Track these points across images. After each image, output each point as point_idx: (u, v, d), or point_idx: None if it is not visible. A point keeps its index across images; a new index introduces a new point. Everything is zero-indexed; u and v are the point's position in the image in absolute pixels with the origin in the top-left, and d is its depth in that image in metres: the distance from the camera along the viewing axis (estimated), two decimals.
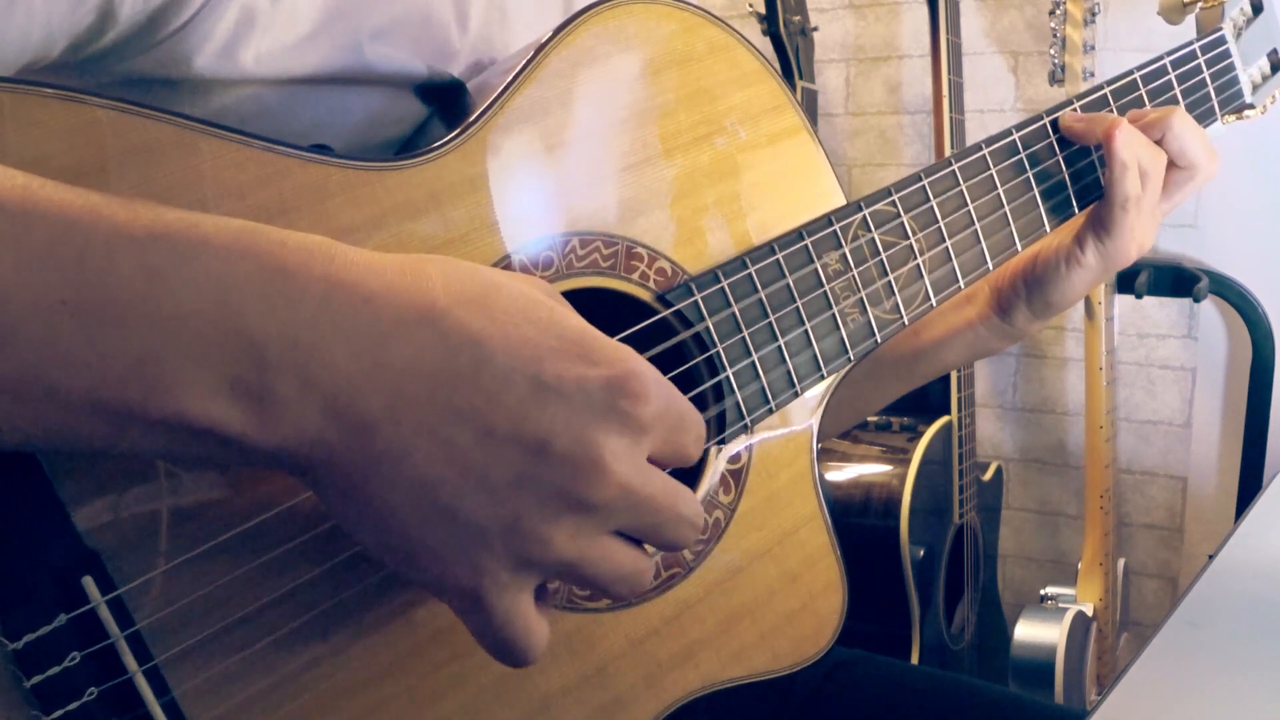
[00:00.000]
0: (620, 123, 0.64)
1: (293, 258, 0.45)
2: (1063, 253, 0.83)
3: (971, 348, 0.89)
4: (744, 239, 0.68)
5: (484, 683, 0.58)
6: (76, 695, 0.47)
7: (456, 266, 0.48)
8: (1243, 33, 0.93)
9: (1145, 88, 0.85)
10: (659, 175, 0.65)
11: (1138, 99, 0.85)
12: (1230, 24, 0.92)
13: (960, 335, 0.89)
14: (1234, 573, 0.77)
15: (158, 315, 0.43)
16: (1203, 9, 0.92)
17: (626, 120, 0.64)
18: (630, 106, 0.64)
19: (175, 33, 0.56)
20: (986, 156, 0.77)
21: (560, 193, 0.62)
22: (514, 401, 0.46)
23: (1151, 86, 0.86)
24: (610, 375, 0.47)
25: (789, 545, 0.70)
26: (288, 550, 0.52)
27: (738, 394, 0.65)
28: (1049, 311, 0.86)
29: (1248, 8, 0.94)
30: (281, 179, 0.53)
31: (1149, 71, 0.86)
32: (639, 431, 0.48)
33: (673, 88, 0.66)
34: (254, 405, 0.44)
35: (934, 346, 0.89)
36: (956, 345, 0.89)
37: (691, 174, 0.67)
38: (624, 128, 0.64)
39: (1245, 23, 0.94)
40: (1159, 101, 0.86)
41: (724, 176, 0.68)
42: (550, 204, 0.62)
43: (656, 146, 0.65)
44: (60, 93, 0.48)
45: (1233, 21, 0.92)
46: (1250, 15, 0.94)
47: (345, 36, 0.61)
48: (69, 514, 0.47)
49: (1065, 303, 0.85)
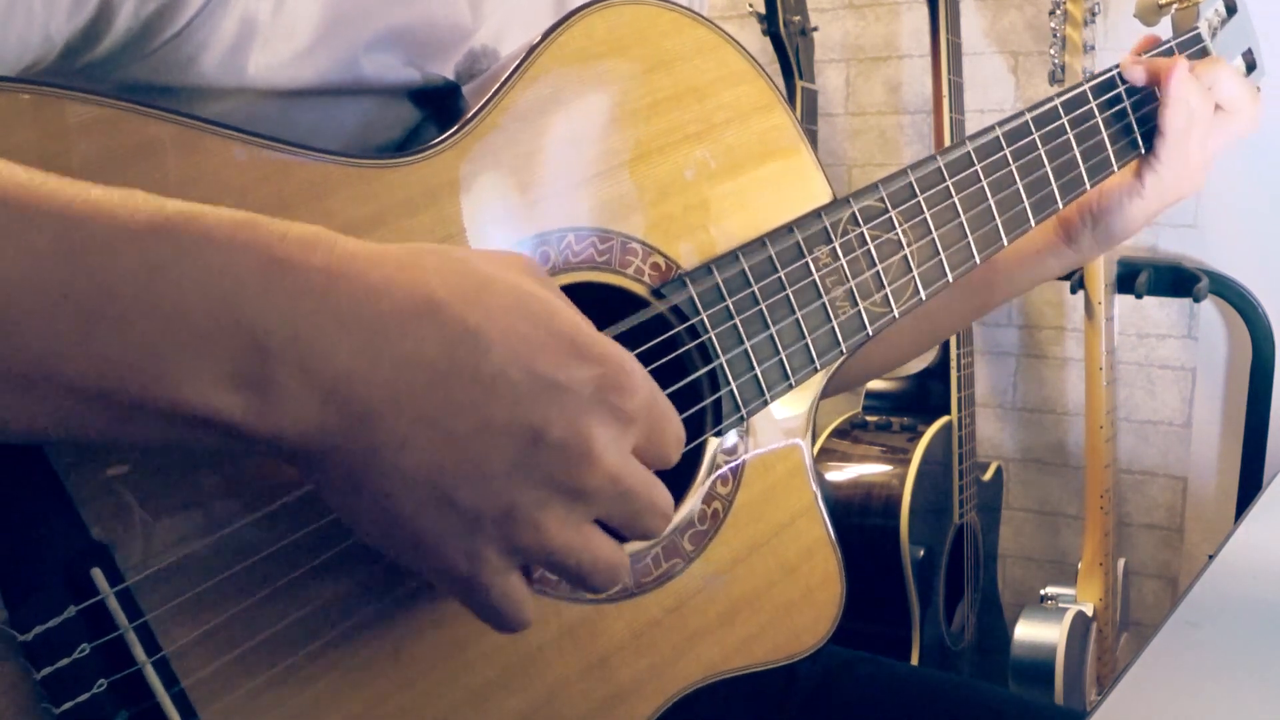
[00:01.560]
0: (612, 121, 0.65)
1: (293, 250, 0.45)
2: (1124, 186, 0.91)
3: (1039, 274, 0.98)
4: (736, 235, 0.69)
5: (489, 674, 0.58)
6: (86, 687, 0.47)
7: (453, 259, 0.49)
8: (1218, 33, 0.96)
9: (1123, 85, 0.88)
10: (651, 172, 0.66)
11: (1117, 96, 0.88)
12: (1205, 24, 0.95)
13: (1027, 261, 0.97)
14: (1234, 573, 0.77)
15: (159, 308, 0.43)
16: (1178, 10, 0.95)
17: (618, 118, 0.65)
18: (621, 105, 0.65)
19: (173, 38, 0.56)
20: (971, 153, 0.78)
21: (555, 189, 0.63)
22: (510, 394, 0.47)
23: (1129, 85, 0.88)
24: (601, 370, 0.49)
25: (786, 537, 0.71)
26: (294, 542, 0.52)
27: (733, 386, 0.66)
28: (1112, 239, 0.94)
29: (1222, 9, 0.97)
30: (282, 176, 0.53)
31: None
32: (626, 423, 0.50)
33: (663, 86, 0.67)
34: (255, 395, 0.44)
35: (1004, 273, 0.97)
36: (1025, 271, 0.97)
37: (683, 171, 0.67)
38: (616, 126, 0.65)
39: (1220, 23, 0.96)
40: (1138, 98, 0.89)
41: (715, 174, 0.69)
42: (546, 200, 0.62)
43: (648, 144, 0.66)
44: (63, 91, 0.48)
45: (1208, 22, 0.95)
46: (1224, 16, 0.97)
47: (343, 49, 0.62)
48: (77, 507, 0.48)
49: (1125, 232, 0.94)
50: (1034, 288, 1.00)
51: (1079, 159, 0.85)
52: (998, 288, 0.97)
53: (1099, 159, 0.87)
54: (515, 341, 0.48)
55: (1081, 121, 0.85)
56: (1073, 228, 0.94)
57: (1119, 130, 0.88)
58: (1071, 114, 0.85)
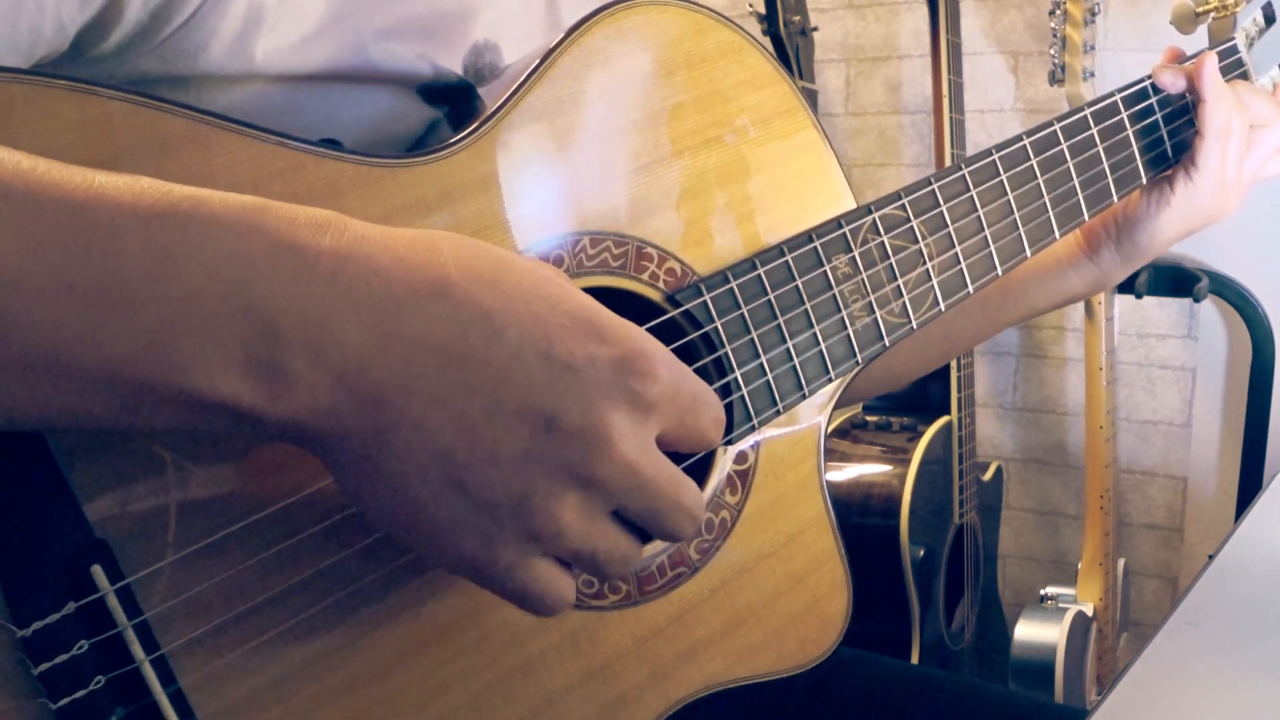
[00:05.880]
0: (632, 123, 0.64)
1: (302, 233, 0.45)
2: (1152, 192, 0.87)
3: (1059, 290, 0.93)
4: (754, 241, 0.68)
5: (489, 679, 0.58)
6: (84, 683, 0.47)
7: (468, 243, 0.48)
8: (1254, 43, 0.94)
9: (1155, 95, 0.87)
10: (670, 176, 0.66)
11: (1148, 107, 0.86)
12: (1242, 34, 0.93)
13: (1049, 275, 0.92)
14: (1234, 573, 0.76)
15: (167, 295, 0.43)
16: (1215, 19, 0.93)
17: (638, 121, 0.64)
18: (642, 107, 0.65)
19: (181, 27, 0.56)
20: (996, 162, 0.77)
21: (571, 192, 0.62)
22: (524, 377, 0.46)
23: (1162, 95, 0.87)
24: (619, 354, 0.48)
25: (795, 547, 0.70)
26: (296, 543, 0.52)
27: (745, 395, 0.65)
28: (1136, 255, 0.90)
29: (1260, 19, 0.95)
30: (295, 174, 0.53)
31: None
32: (646, 410, 0.48)
33: (684, 89, 0.66)
34: (266, 379, 0.44)
35: (1022, 286, 0.93)
36: (1046, 286, 0.93)
37: (702, 175, 0.67)
38: (635, 128, 0.64)
39: (1258, 33, 0.94)
40: (1172, 109, 0.87)
41: (735, 178, 0.68)
42: (561, 203, 0.62)
43: (668, 147, 0.65)
44: (75, 85, 0.48)
45: (1244, 32, 0.93)
46: (1262, 25, 0.95)
47: (350, 34, 0.62)
48: (79, 503, 0.48)
49: (1152, 247, 0.89)
50: (1052, 309, 0.96)
51: (1107, 170, 0.83)
52: (1014, 302, 0.94)
53: (1128, 170, 0.85)
54: (531, 324, 0.47)
55: (1112, 132, 0.84)
56: (1096, 239, 0.91)
57: (1150, 142, 0.86)
58: (1102, 124, 0.83)
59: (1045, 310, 0.95)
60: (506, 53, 0.72)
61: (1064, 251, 0.92)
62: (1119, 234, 0.90)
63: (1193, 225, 0.89)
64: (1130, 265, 0.91)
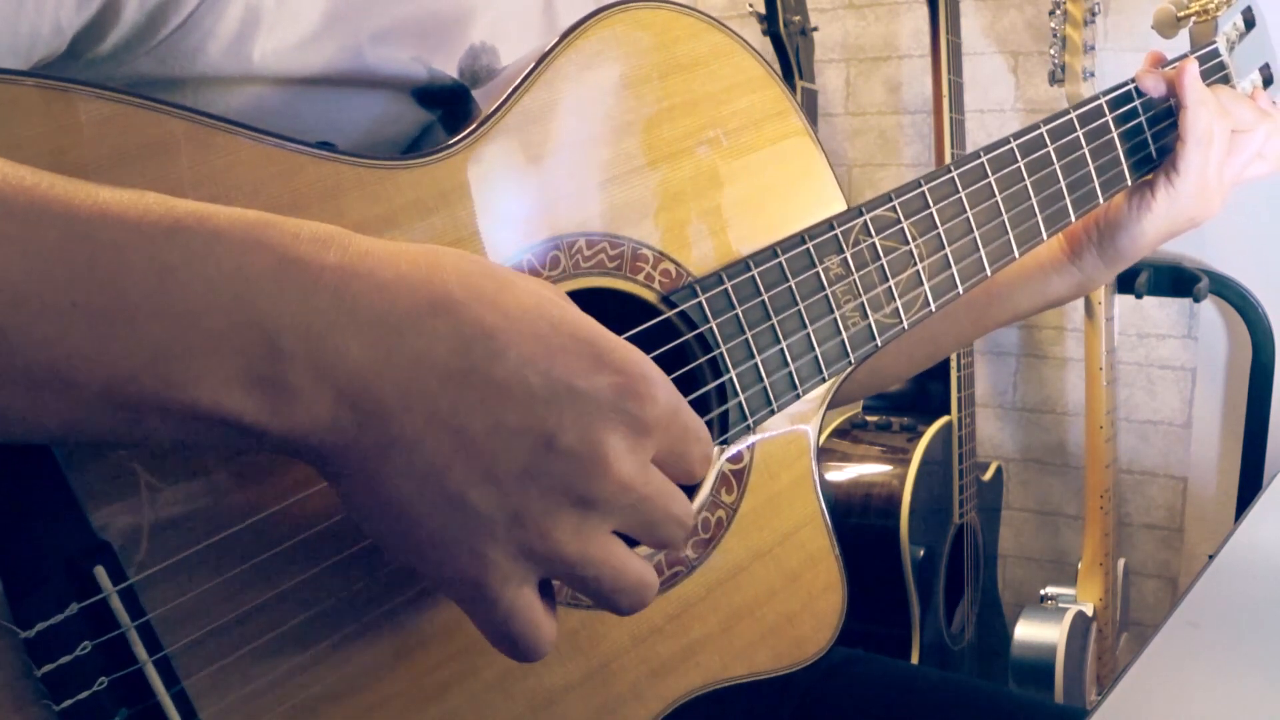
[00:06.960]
0: (626, 126, 0.65)
1: (306, 248, 0.45)
2: (1134, 196, 0.88)
3: (1043, 293, 0.94)
4: (747, 242, 0.69)
5: (488, 678, 0.58)
6: (87, 684, 0.47)
7: (471, 260, 0.49)
8: (1235, 47, 0.95)
9: (1140, 98, 0.87)
10: (664, 178, 0.66)
11: (1133, 110, 0.87)
12: (1223, 38, 0.94)
13: (1032, 278, 0.93)
14: (1234, 573, 0.76)
15: (170, 311, 0.43)
16: (1196, 23, 0.94)
17: (632, 124, 0.65)
18: (636, 110, 0.65)
19: (178, 28, 0.56)
20: (985, 164, 0.77)
21: (567, 194, 0.62)
22: (524, 397, 0.47)
23: (1147, 97, 0.87)
24: (620, 376, 0.48)
25: (790, 546, 0.71)
26: (298, 544, 0.52)
27: (740, 395, 0.66)
28: (1118, 259, 0.90)
29: (1240, 23, 0.96)
30: (294, 176, 0.53)
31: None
32: (643, 433, 0.49)
33: (678, 92, 0.67)
34: (269, 394, 0.44)
35: (1006, 289, 0.93)
36: (1029, 289, 0.93)
37: (696, 178, 0.67)
38: (630, 131, 0.65)
39: (1238, 37, 0.95)
40: (1155, 111, 0.88)
41: (728, 181, 0.69)
42: (557, 205, 0.62)
43: (662, 150, 0.66)
44: (74, 87, 0.48)
45: (1225, 36, 0.94)
46: (1243, 30, 0.96)
47: (348, 38, 0.62)
48: (81, 504, 0.48)
49: (1133, 250, 0.89)
50: (1036, 313, 0.96)
51: (1093, 172, 0.84)
52: (998, 305, 0.94)
53: (1113, 173, 0.86)
54: (533, 344, 0.47)
55: (1098, 135, 0.84)
56: (1078, 243, 0.92)
57: (1135, 144, 0.87)
58: (1087, 126, 0.84)
59: (1029, 314, 0.96)
60: (504, 55, 0.72)
61: (1047, 255, 0.92)
62: (1101, 238, 0.90)
63: (1175, 229, 0.89)
64: (1113, 269, 0.92)
